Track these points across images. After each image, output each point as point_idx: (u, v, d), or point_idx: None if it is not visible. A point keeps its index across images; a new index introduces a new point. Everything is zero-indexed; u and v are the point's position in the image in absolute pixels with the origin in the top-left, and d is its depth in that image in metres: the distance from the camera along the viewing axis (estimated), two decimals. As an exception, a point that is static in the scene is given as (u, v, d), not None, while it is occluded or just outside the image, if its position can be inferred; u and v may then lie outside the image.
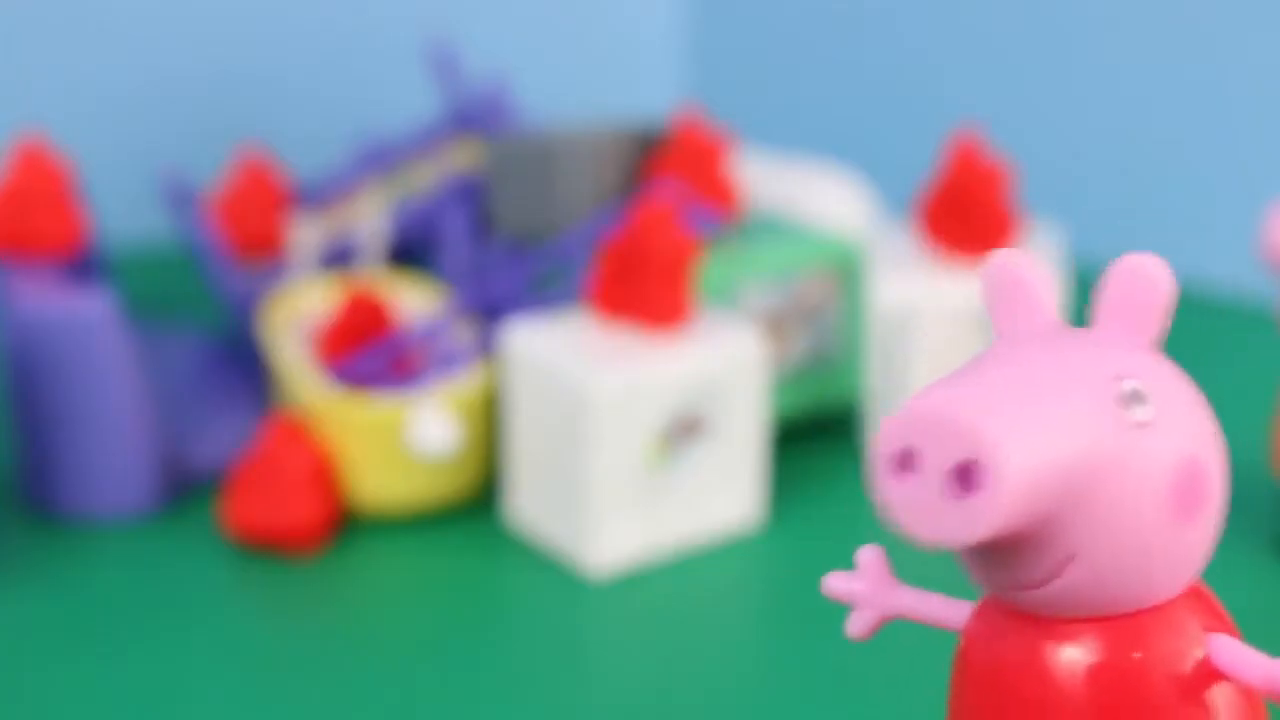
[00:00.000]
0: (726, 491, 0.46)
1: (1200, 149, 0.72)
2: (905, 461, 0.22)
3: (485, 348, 0.50)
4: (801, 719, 0.37)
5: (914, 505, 0.22)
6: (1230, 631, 0.24)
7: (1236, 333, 0.65)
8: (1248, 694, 0.24)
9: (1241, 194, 0.71)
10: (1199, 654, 0.24)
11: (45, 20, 0.74)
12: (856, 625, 0.27)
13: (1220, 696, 0.24)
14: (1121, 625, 0.24)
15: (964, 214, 0.51)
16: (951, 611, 0.27)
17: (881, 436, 0.22)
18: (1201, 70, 0.71)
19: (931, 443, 0.22)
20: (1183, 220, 0.73)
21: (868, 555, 0.27)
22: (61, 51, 0.74)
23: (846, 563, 0.45)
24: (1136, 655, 0.23)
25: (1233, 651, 0.23)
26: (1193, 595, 0.24)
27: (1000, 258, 0.25)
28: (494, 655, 0.40)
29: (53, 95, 0.75)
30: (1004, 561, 0.23)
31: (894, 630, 0.41)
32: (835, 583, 0.27)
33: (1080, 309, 0.68)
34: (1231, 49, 0.70)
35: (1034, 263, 0.25)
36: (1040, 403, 0.22)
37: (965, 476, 0.22)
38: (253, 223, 0.60)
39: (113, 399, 0.46)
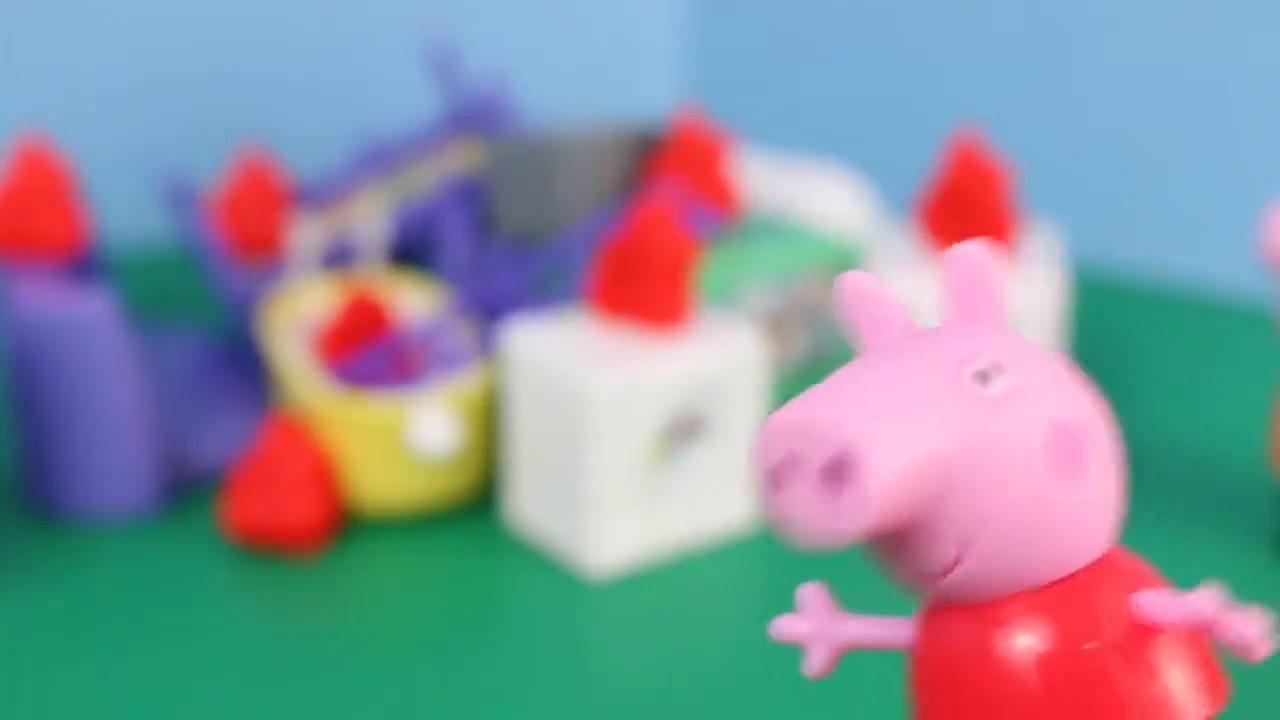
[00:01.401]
0: (726, 491, 0.46)
1: (1200, 149, 0.72)
2: (782, 471, 0.23)
3: (485, 348, 0.50)
4: (801, 719, 0.37)
5: (795, 510, 0.23)
6: (1156, 586, 0.25)
7: (1236, 333, 0.65)
8: (1191, 642, 0.24)
9: (1241, 194, 0.71)
10: (1128, 615, 0.24)
11: (45, 20, 0.74)
12: (812, 664, 0.27)
13: (1164, 654, 0.24)
14: (1065, 615, 0.24)
15: (964, 214, 0.51)
16: (898, 632, 0.27)
17: (756, 452, 0.23)
18: (1201, 70, 0.71)
19: (800, 448, 0.23)
20: (1183, 220, 0.73)
21: (809, 593, 0.28)
22: (61, 51, 0.74)
23: (844, 564, 0.45)
24: (1088, 647, 0.24)
25: (1154, 603, 0.24)
26: (1120, 569, 0.24)
27: (854, 279, 0.26)
28: (494, 655, 0.40)
29: (53, 95, 0.75)
30: (907, 555, 0.24)
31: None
32: (783, 627, 0.28)
33: (1079, 308, 0.68)
34: (1231, 49, 0.70)
35: (883, 283, 0.26)
36: (898, 396, 0.23)
37: (838, 474, 0.22)
38: (253, 223, 0.60)
39: (113, 399, 0.46)
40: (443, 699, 0.38)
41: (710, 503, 0.46)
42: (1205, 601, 0.23)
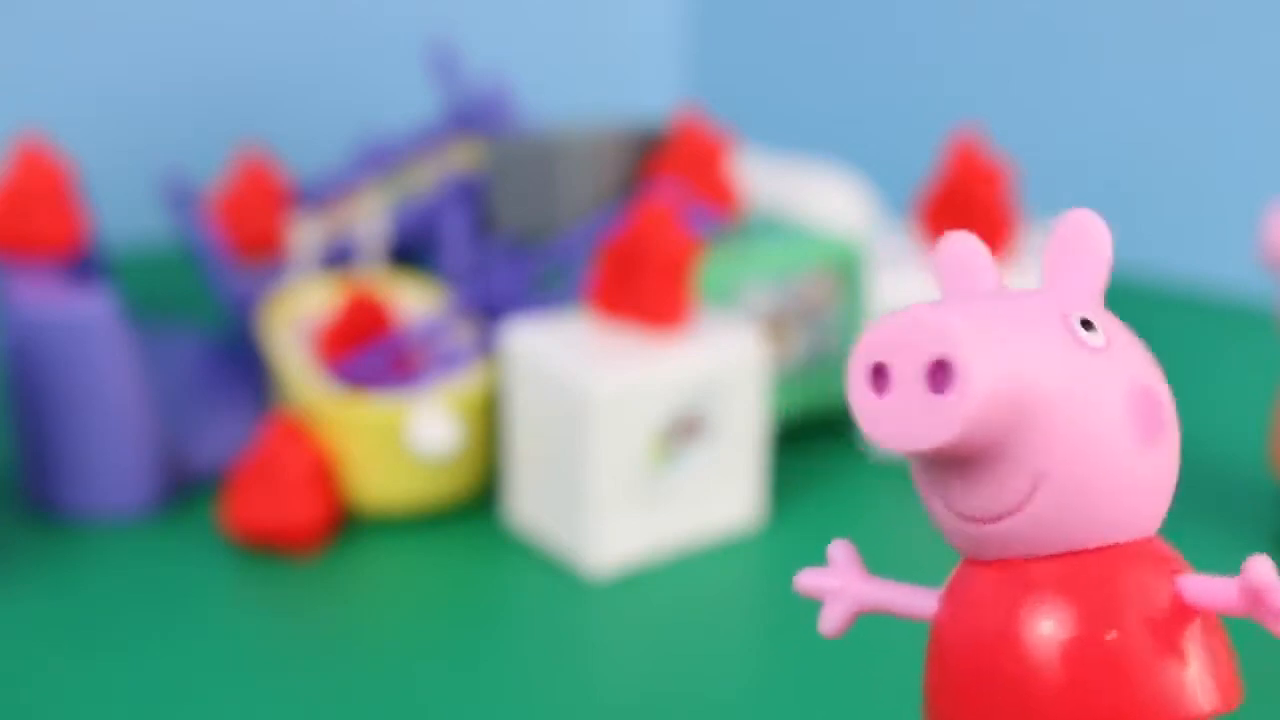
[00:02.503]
0: (726, 491, 0.46)
1: (1200, 149, 0.72)
2: (880, 375, 0.23)
3: (485, 348, 0.50)
4: (801, 719, 0.37)
5: (888, 415, 0.23)
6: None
7: (1236, 333, 0.65)
8: (1215, 637, 0.24)
9: (1241, 194, 0.71)
10: (1169, 595, 0.24)
11: (45, 20, 0.74)
12: (829, 620, 0.27)
13: (1188, 640, 0.24)
14: (1093, 580, 0.24)
15: (964, 214, 0.51)
16: (924, 601, 0.27)
17: (858, 350, 0.23)
18: (1201, 70, 0.71)
19: (905, 346, 0.23)
20: (1183, 220, 0.73)
21: (838, 550, 0.27)
22: (61, 51, 0.74)
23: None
24: (1110, 636, 0.24)
25: (1199, 586, 0.24)
26: (1146, 548, 0.24)
27: (953, 238, 0.26)
28: (494, 655, 0.40)
29: (53, 95, 0.75)
30: (973, 486, 0.24)
31: (892, 630, 0.41)
32: (808, 579, 0.27)
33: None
34: (1231, 49, 0.70)
35: (981, 244, 0.26)
36: (1005, 318, 0.23)
37: (937, 377, 0.22)
38: (253, 223, 0.60)
39: (113, 399, 0.46)
40: (443, 699, 0.38)
41: (710, 503, 0.46)
42: (1255, 571, 0.22)
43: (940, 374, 0.22)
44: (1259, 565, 0.22)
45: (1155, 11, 0.72)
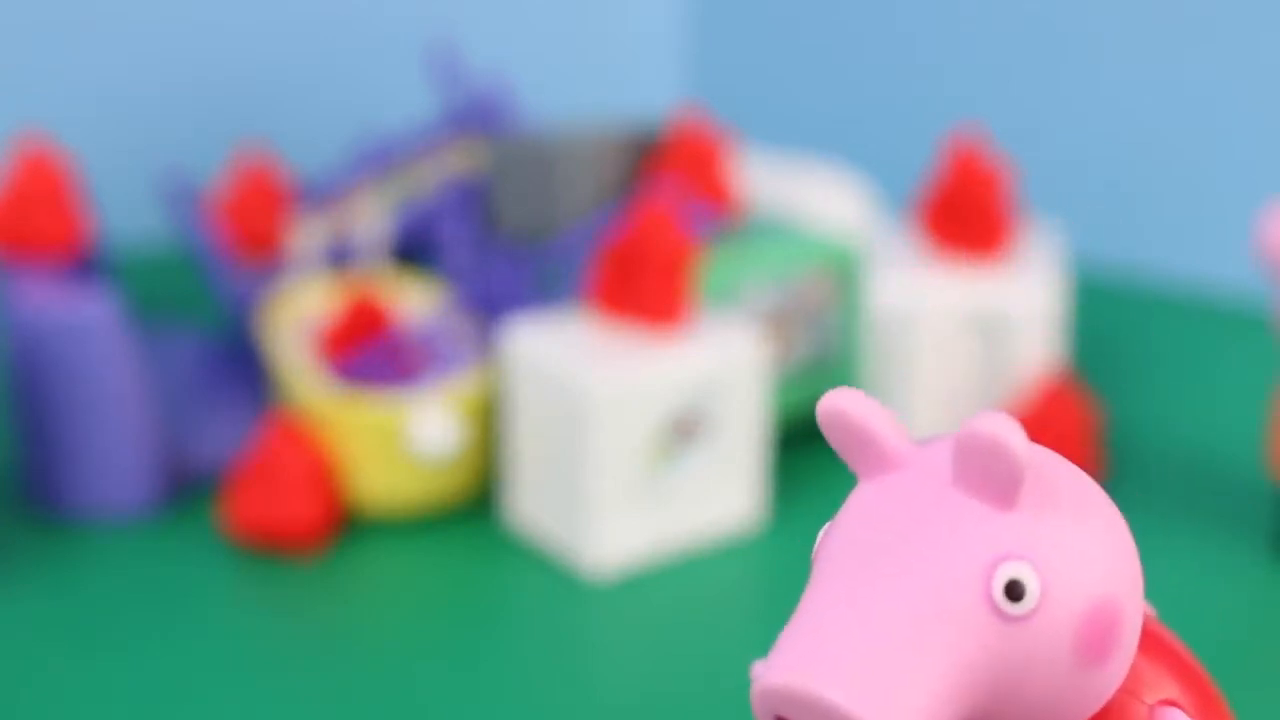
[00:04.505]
0: (726, 491, 0.46)
1: (1200, 149, 0.72)
2: None
3: (485, 348, 0.50)
4: (801, 719, 0.37)
5: None
6: (1179, 661, 0.24)
7: (1236, 333, 0.65)
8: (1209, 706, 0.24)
9: (1241, 194, 0.71)
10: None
11: (45, 20, 0.74)
12: None
13: None
14: None
15: (964, 214, 0.51)
16: None
17: (755, 701, 0.21)
18: (1201, 70, 0.71)
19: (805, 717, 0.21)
20: (1183, 220, 0.73)
21: None
22: (61, 51, 0.74)
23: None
24: None
25: None
26: (1136, 667, 0.24)
27: (834, 399, 0.23)
28: (494, 655, 0.40)
29: (53, 95, 0.75)
30: None
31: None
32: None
33: (1079, 309, 0.68)
34: (1231, 49, 0.70)
35: (869, 402, 0.23)
36: (907, 642, 0.21)
37: None
38: (253, 223, 0.60)
39: (113, 399, 0.46)
40: (443, 699, 0.38)
41: (710, 503, 0.46)
42: None
43: None
44: None
45: (1155, 11, 0.72)
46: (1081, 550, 0.22)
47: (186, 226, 0.58)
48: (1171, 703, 0.24)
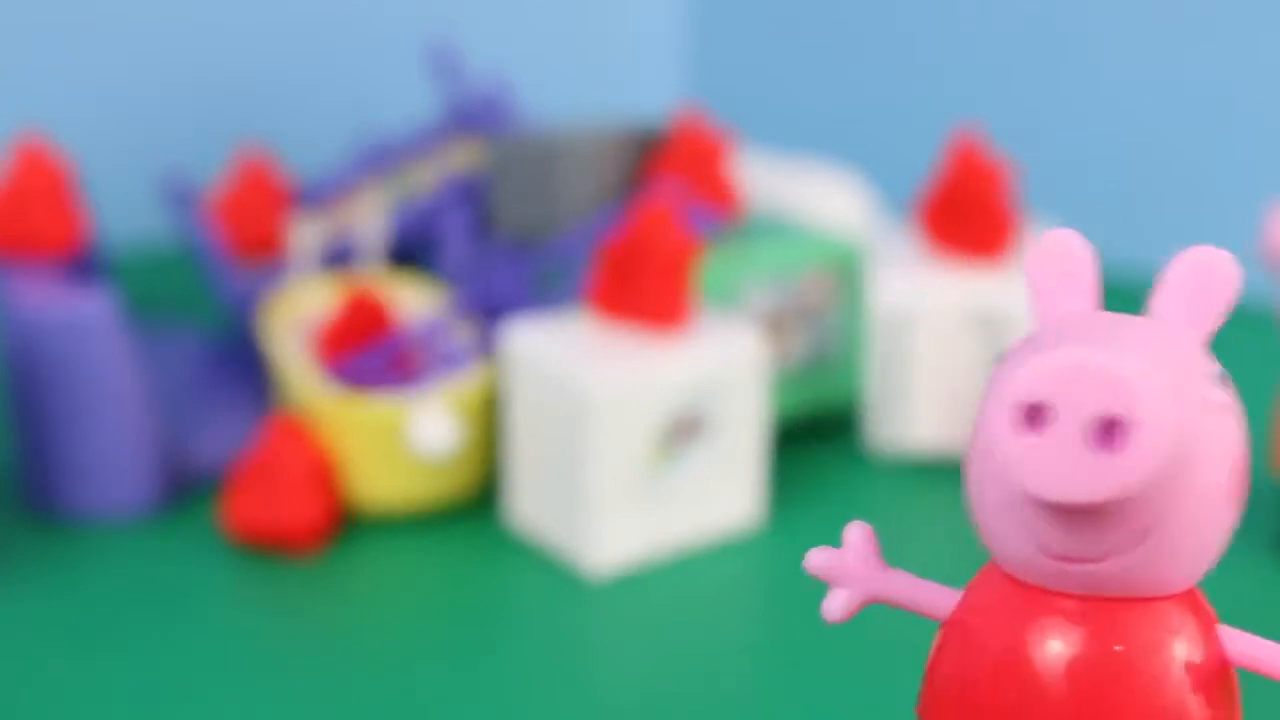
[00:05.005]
0: (726, 491, 0.46)
1: (1200, 149, 0.72)
2: (1036, 416, 0.22)
3: (485, 348, 0.50)
4: (801, 718, 0.37)
5: (1040, 459, 0.21)
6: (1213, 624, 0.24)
7: (1236, 333, 0.65)
8: (1231, 678, 0.24)
9: (1241, 194, 0.71)
10: (1206, 646, 0.23)
11: (45, 20, 0.74)
12: (835, 605, 0.26)
13: (1220, 685, 0.24)
14: (1133, 614, 0.23)
15: (964, 214, 0.51)
16: (937, 598, 0.26)
17: (1014, 386, 0.22)
18: (1201, 70, 0.71)
19: (1076, 394, 0.21)
20: (1183, 220, 0.73)
21: (855, 533, 0.26)
22: (61, 51, 0.74)
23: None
24: (1154, 640, 0.23)
25: (1244, 641, 0.23)
26: (1191, 591, 0.24)
27: (1052, 236, 0.24)
28: (494, 655, 0.40)
29: (53, 95, 0.75)
30: (1078, 530, 0.22)
31: (894, 632, 0.41)
32: (818, 559, 0.26)
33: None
34: (1231, 49, 0.70)
35: (1084, 243, 0.25)
36: (1171, 370, 0.22)
37: (1108, 433, 0.21)
38: (253, 223, 0.60)
39: (113, 399, 0.46)
40: (443, 699, 0.38)
41: (710, 503, 0.46)
42: None
43: (1112, 431, 0.21)
44: None
45: (1155, 11, 0.72)
46: (1239, 412, 0.23)
47: (186, 226, 0.58)
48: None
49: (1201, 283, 0.24)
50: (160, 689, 0.38)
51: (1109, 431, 0.21)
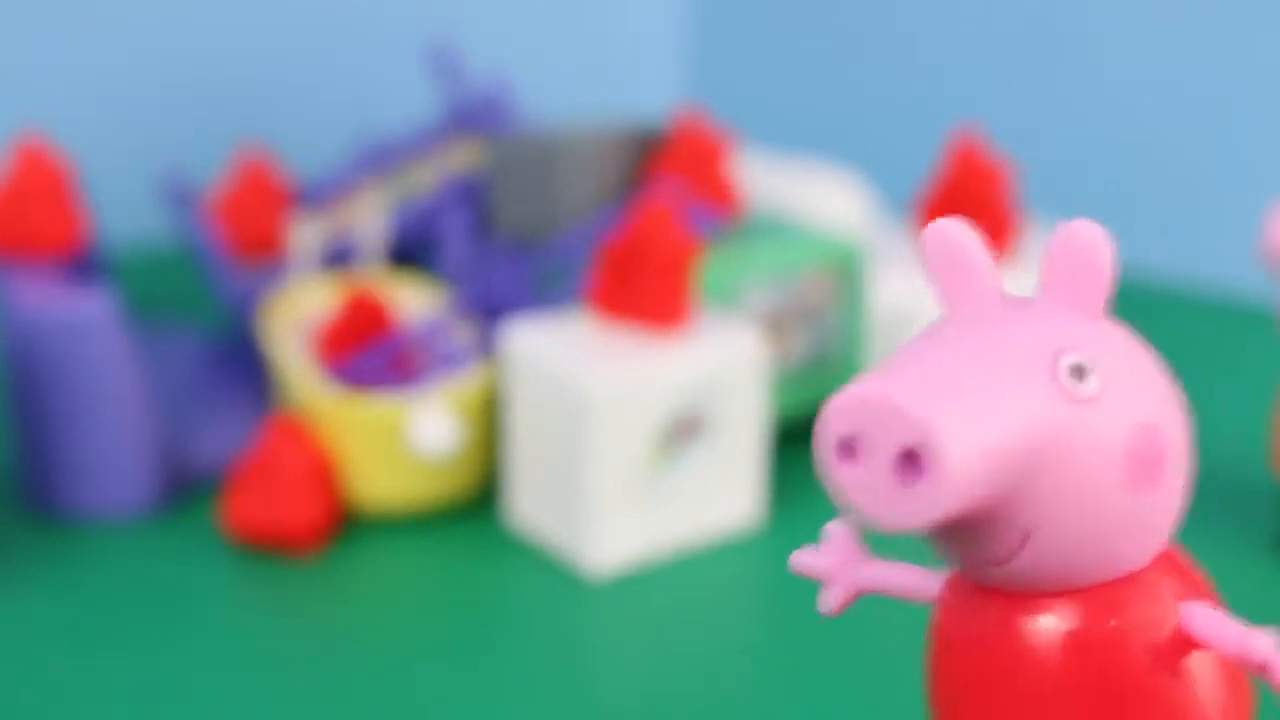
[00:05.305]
0: (726, 491, 0.46)
1: (1200, 149, 0.72)
2: (851, 446, 0.22)
3: (485, 348, 0.50)
4: (801, 718, 0.37)
5: (863, 490, 0.22)
6: (1206, 598, 0.24)
7: (1236, 333, 0.65)
8: (1228, 662, 0.24)
9: (1241, 194, 0.71)
10: (1173, 622, 0.24)
11: (45, 20, 0.74)
12: (828, 600, 0.27)
13: (1199, 665, 0.24)
14: (1095, 594, 0.24)
15: (964, 214, 0.51)
16: (923, 582, 0.26)
17: (827, 420, 0.22)
18: (1201, 70, 0.71)
19: (876, 428, 0.22)
20: (1183, 220, 0.73)
21: (836, 530, 0.27)
22: (61, 51, 0.74)
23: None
24: (1111, 624, 0.23)
25: (1206, 620, 0.23)
26: (1166, 563, 0.24)
27: (940, 228, 0.25)
28: (494, 655, 0.40)
29: (53, 95, 0.75)
30: (965, 540, 0.23)
31: (893, 631, 0.41)
32: (804, 559, 0.27)
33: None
34: (1231, 49, 0.70)
35: (973, 234, 0.25)
36: (981, 384, 0.22)
37: (910, 462, 0.22)
38: (253, 223, 0.60)
39: (112, 399, 0.46)
40: (443, 699, 0.38)
41: (710, 503, 0.46)
42: (1260, 642, 0.22)
43: (913, 459, 0.22)
44: (1256, 640, 0.22)
45: (1155, 11, 0.72)
46: (1140, 375, 0.23)
47: (186, 226, 0.58)
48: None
49: (1079, 260, 0.24)
50: (160, 689, 0.38)
51: (912, 460, 0.22)
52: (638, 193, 0.54)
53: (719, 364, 0.45)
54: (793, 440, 0.53)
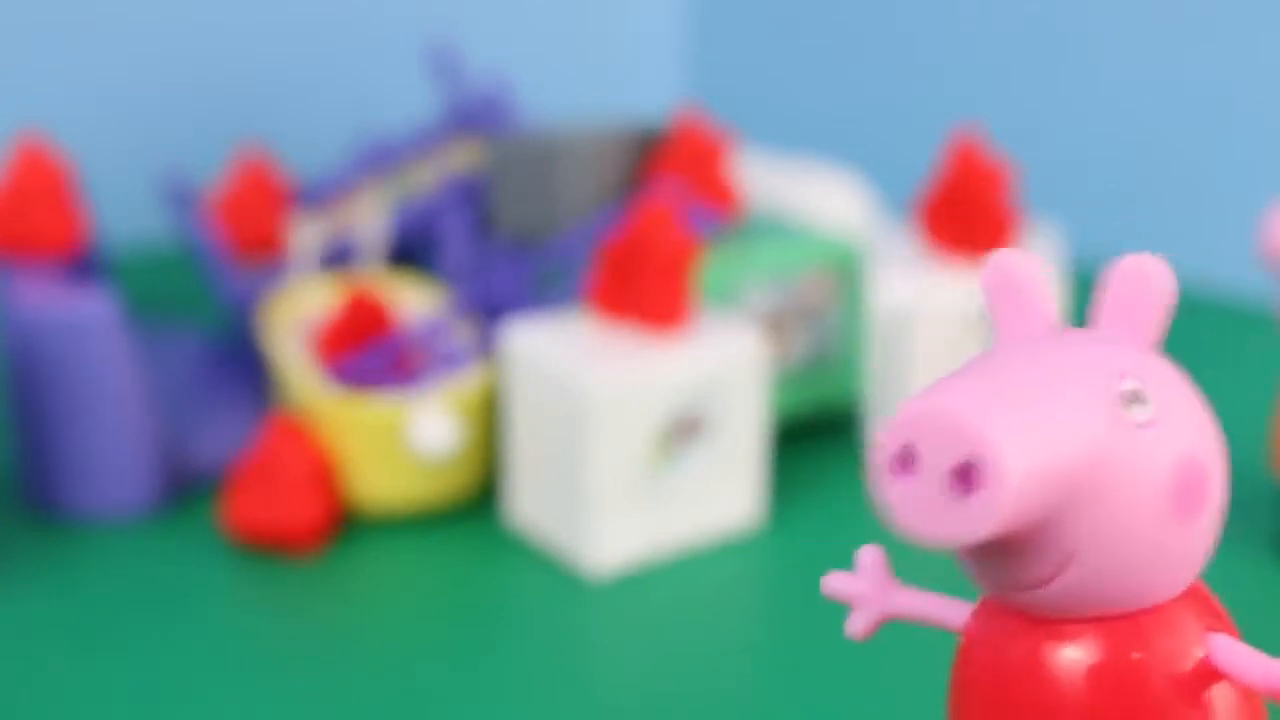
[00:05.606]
0: (726, 491, 0.46)
1: (1200, 149, 0.72)
2: (905, 461, 0.22)
3: (485, 348, 0.50)
4: (801, 718, 0.37)
5: (914, 504, 0.22)
6: (1229, 631, 0.24)
7: (1236, 333, 0.65)
8: (1247, 694, 0.24)
9: (1241, 194, 0.71)
10: (1198, 654, 0.24)
11: (45, 20, 0.74)
12: (856, 625, 0.27)
13: (1220, 697, 0.24)
14: (1122, 625, 0.24)
15: (964, 214, 0.51)
16: (951, 612, 0.27)
17: (882, 435, 0.23)
18: (1201, 70, 0.71)
19: (931, 442, 0.22)
20: (1183, 220, 0.73)
21: (868, 556, 0.27)
22: (61, 51, 0.74)
23: (846, 563, 0.45)
24: (1136, 655, 0.23)
25: (1232, 652, 0.23)
26: (1192, 595, 0.24)
27: (1002, 257, 0.25)
28: (494, 655, 0.40)
29: (53, 95, 0.75)
30: (1004, 561, 0.23)
31: (894, 631, 0.41)
32: (835, 583, 0.28)
33: (1080, 309, 0.68)
34: (1231, 49, 0.70)
35: (1035, 262, 0.25)
36: (1040, 403, 0.22)
37: (965, 477, 0.22)
38: (253, 223, 0.60)
39: (113, 399, 0.46)
40: (443, 699, 0.38)
41: (710, 503, 0.46)
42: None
43: (969, 474, 0.22)
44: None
45: (1155, 11, 0.72)
46: (1187, 407, 0.23)
47: (186, 226, 0.58)
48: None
49: (1137, 292, 0.24)
50: (160, 689, 0.38)
51: (967, 475, 0.22)
52: (638, 193, 0.54)
53: (719, 364, 0.45)
54: (793, 440, 0.53)
